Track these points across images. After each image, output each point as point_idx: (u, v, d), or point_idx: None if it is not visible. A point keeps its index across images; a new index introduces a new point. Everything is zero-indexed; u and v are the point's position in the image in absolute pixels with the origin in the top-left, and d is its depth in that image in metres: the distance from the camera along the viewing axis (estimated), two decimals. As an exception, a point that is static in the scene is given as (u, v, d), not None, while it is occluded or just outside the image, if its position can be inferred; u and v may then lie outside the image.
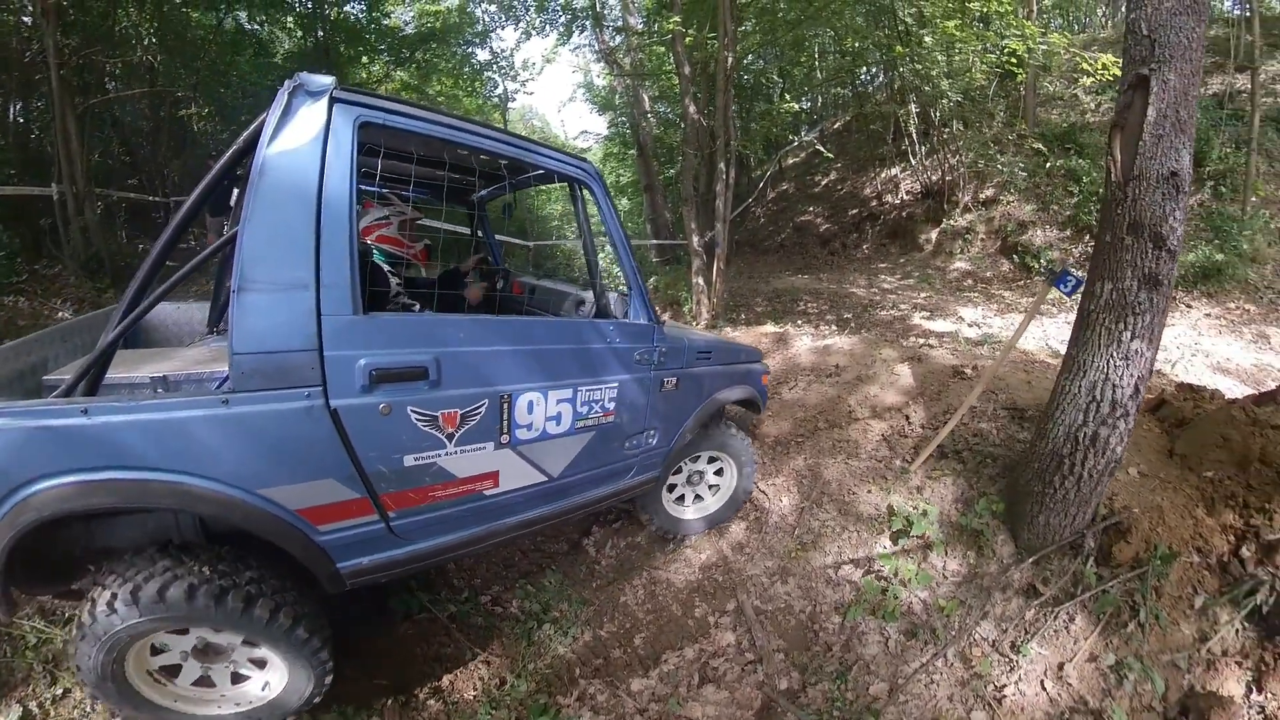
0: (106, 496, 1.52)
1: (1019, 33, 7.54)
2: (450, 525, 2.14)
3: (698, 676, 2.64)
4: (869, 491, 3.43)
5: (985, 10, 7.59)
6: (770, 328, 6.61)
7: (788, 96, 10.30)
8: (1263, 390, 3.73)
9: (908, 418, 3.94)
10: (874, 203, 12.61)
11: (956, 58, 8.46)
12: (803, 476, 3.68)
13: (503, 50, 16.63)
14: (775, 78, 11.60)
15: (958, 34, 7.46)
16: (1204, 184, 8.92)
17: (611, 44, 14.30)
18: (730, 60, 6.97)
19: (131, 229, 8.98)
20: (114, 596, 1.62)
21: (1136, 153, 2.25)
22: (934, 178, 11.18)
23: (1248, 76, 9.38)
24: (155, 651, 1.80)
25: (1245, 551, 2.45)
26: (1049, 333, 6.49)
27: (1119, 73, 7.54)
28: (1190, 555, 2.52)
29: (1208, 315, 7.15)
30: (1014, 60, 7.93)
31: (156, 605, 1.63)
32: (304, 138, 1.66)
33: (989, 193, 10.60)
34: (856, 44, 9.33)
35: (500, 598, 3.08)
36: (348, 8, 12.64)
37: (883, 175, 13.02)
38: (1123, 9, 18.66)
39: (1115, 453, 2.53)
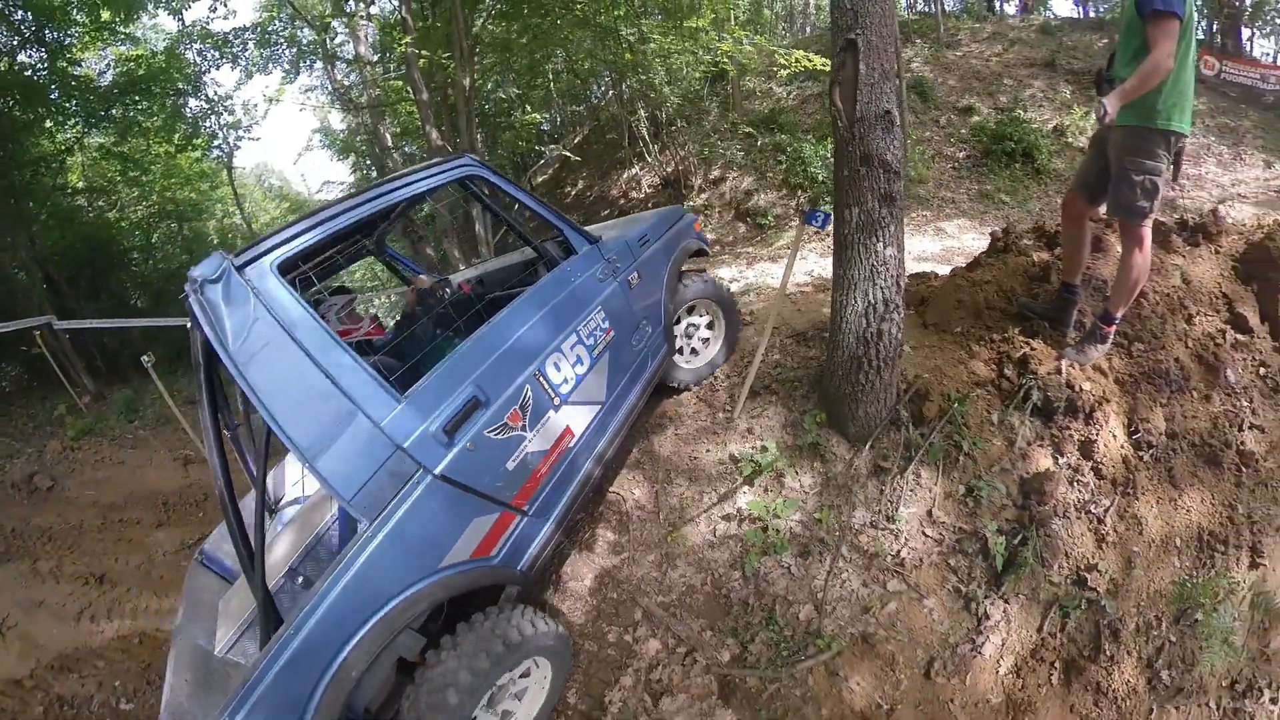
0: (383, 635, 1.96)
1: (730, 37, 10.37)
2: (566, 480, 2.70)
3: (649, 697, 2.67)
4: (707, 451, 3.70)
5: (694, 27, 9.79)
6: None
7: (529, 108, 11.10)
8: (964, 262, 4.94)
9: (713, 375, 4.31)
10: (622, 201, 14.24)
11: (675, 67, 10.56)
12: (641, 463, 3.83)
13: (221, 96, 14.42)
14: (514, 92, 12.37)
15: (676, 45, 8.99)
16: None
17: (345, 81, 13.67)
18: (469, 81, 7.17)
19: None
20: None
21: (856, 100, 2.81)
22: (669, 169, 13.15)
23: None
24: None
25: (1007, 371, 3.25)
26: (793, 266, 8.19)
27: (808, 65, 9.75)
28: (973, 390, 3.26)
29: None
30: (727, 59, 10.43)
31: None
32: (247, 316, 1.90)
33: (716, 173, 12.73)
34: (587, 63, 11.04)
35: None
36: (21, 56, 10.00)
37: (625, 175, 14.78)
38: (799, 24, 23.29)
39: (897, 339, 3.13)
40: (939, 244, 8.62)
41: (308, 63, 13.02)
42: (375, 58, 13.38)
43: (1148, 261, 3.03)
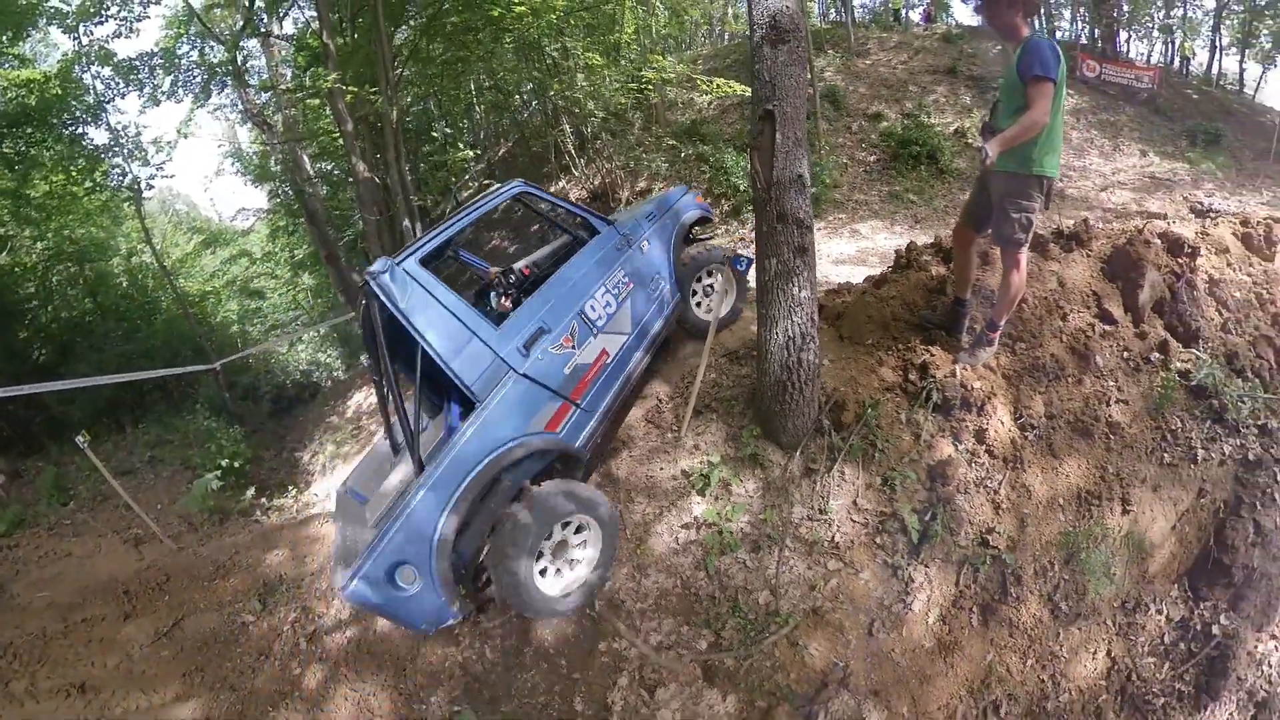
0: (491, 470, 3.22)
1: (653, 66, 11.80)
2: (607, 385, 3.91)
3: (644, 691, 3.17)
4: (661, 469, 4.11)
5: (617, 41, 10.31)
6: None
7: (461, 145, 11.23)
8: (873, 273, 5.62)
9: (657, 397, 4.70)
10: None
11: (600, 85, 11.26)
12: (603, 486, 4.19)
13: (126, 126, 13.12)
14: (436, 114, 12.35)
15: (601, 64, 9.45)
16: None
17: (259, 101, 13.24)
18: (395, 114, 7.25)
19: None
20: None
21: (773, 165, 3.31)
22: (597, 182, 13.49)
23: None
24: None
25: (911, 375, 3.92)
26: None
27: (728, 91, 11.36)
28: (883, 395, 3.91)
29: (819, 229, 10.06)
30: (650, 86, 11.48)
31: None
32: (418, 293, 3.27)
33: (643, 184, 13.15)
34: (509, 78, 11.72)
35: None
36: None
37: (552, 189, 14.90)
38: (718, 31, 24.10)
39: (815, 363, 3.70)
40: (854, 245, 9.48)
41: (218, 84, 12.32)
42: (290, 81, 13.08)
43: (1024, 279, 3.72)
